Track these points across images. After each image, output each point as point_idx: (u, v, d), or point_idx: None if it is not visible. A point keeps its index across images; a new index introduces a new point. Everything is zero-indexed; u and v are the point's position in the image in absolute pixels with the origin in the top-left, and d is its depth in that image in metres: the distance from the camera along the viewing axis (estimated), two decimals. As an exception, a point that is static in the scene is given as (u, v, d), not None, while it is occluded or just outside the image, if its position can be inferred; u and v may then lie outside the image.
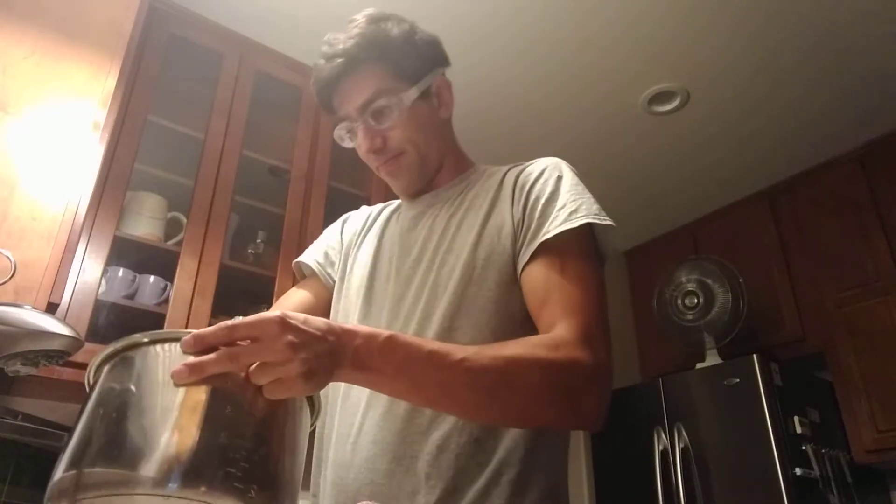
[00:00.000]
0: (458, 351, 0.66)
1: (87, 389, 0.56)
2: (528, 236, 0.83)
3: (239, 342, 0.53)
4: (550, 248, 0.81)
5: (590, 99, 2.59)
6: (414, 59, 0.90)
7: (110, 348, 0.55)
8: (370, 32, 0.88)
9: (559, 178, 0.87)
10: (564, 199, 0.84)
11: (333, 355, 0.58)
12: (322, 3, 2.15)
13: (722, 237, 3.14)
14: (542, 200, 0.85)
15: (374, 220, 1.05)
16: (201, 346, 0.52)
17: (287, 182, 2.08)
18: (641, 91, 2.54)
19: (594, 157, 2.90)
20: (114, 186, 1.71)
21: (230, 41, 2.11)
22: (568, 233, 0.80)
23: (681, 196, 3.19)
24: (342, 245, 1.05)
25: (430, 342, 0.69)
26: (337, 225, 1.10)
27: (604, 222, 0.83)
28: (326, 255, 1.06)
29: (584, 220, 0.81)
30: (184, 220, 1.87)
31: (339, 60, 0.87)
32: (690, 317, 2.77)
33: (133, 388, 0.52)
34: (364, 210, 1.11)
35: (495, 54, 2.38)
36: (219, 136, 1.95)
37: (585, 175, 0.91)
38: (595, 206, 0.84)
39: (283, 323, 0.54)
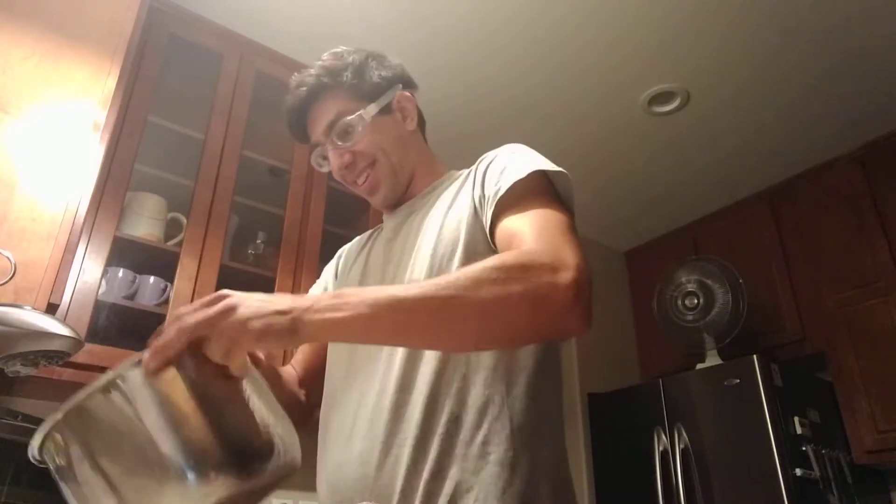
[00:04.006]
0: (413, 285, 0.69)
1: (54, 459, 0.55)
2: (487, 204, 0.85)
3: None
4: (507, 203, 0.83)
5: (590, 99, 2.59)
6: (371, 80, 0.97)
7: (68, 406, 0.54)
8: (329, 64, 0.97)
9: (513, 153, 0.90)
10: (515, 165, 0.86)
11: (283, 314, 0.60)
12: (322, 3, 2.15)
13: (722, 238, 3.14)
14: (496, 173, 0.87)
15: (365, 243, 1.09)
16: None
17: (287, 182, 2.08)
18: (641, 91, 2.54)
19: (594, 157, 2.90)
20: (114, 187, 1.70)
21: (230, 41, 2.11)
22: (518, 183, 0.83)
23: (681, 196, 3.19)
24: (336, 277, 1.11)
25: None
26: (332, 262, 1.15)
27: (552, 169, 0.85)
28: (325, 292, 1.11)
29: (531, 169, 0.83)
30: (184, 220, 1.87)
31: (302, 90, 0.96)
32: (691, 317, 2.77)
33: (129, 421, 0.53)
34: (356, 240, 1.16)
35: (496, 56, 2.38)
36: (219, 137, 1.95)
37: (586, 175, 0.92)
38: (543, 160, 0.87)
39: (222, 292, 0.61)
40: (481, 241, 0.85)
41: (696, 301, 2.77)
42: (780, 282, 2.84)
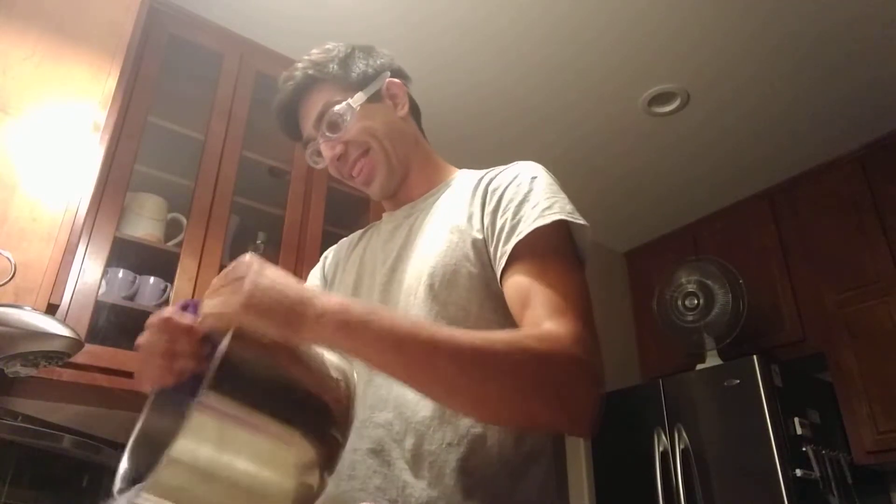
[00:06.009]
0: (445, 328, 0.66)
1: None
2: (503, 238, 0.81)
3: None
4: (526, 248, 0.78)
5: (590, 100, 2.59)
6: (358, 70, 0.95)
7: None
8: (316, 58, 0.96)
9: (533, 179, 0.85)
10: (537, 198, 0.82)
11: (299, 304, 0.59)
12: (322, 3, 2.15)
13: (722, 238, 3.14)
14: (516, 202, 0.82)
15: (357, 243, 1.07)
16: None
17: (287, 183, 2.08)
18: (641, 92, 2.54)
19: (595, 158, 2.89)
20: (114, 187, 1.70)
21: (230, 42, 2.11)
22: (542, 230, 0.78)
23: (681, 197, 3.19)
24: (325, 280, 1.08)
25: (414, 317, 0.71)
26: (318, 266, 1.13)
27: (577, 221, 0.81)
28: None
29: (557, 217, 0.79)
30: (184, 221, 1.87)
31: (290, 84, 0.96)
32: (691, 318, 2.77)
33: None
34: (344, 240, 1.14)
35: (496, 57, 2.38)
36: (219, 137, 1.95)
37: (586, 175, 0.91)
38: (569, 206, 0.82)
39: (250, 262, 0.62)
40: (475, 263, 0.83)
41: (696, 301, 2.77)
42: (780, 282, 2.84)
